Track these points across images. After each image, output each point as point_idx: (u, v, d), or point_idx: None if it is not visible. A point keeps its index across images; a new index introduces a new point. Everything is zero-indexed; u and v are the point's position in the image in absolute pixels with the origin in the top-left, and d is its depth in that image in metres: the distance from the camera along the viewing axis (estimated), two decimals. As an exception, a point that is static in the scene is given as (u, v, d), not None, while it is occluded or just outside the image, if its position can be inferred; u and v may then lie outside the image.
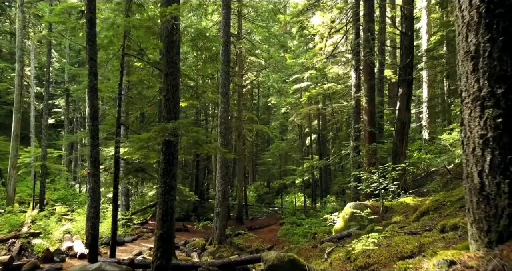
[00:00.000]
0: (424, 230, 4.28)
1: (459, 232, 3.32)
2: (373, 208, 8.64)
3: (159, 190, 7.08)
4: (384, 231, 5.26)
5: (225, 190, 14.46)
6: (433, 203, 5.76)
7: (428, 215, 5.55)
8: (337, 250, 4.56)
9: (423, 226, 4.67)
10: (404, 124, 12.46)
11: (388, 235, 4.39)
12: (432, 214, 5.51)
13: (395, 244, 3.60)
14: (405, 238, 3.68)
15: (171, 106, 7.10)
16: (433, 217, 5.23)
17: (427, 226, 4.63)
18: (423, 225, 4.73)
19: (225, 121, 14.50)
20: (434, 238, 3.41)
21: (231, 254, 13.69)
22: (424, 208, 5.81)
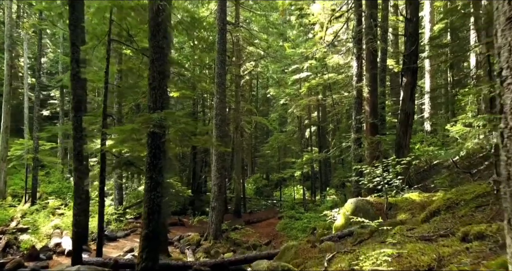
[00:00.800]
0: (438, 235, 3.73)
1: (487, 243, 2.78)
2: (376, 204, 8.11)
3: (144, 186, 6.53)
4: (390, 234, 4.71)
5: (221, 183, 13.93)
6: (444, 201, 5.20)
7: (440, 215, 5.00)
8: (339, 257, 4.02)
9: (436, 230, 4.13)
10: (408, 116, 11.86)
11: (397, 240, 3.85)
12: (444, 214, 4.96)
13: (408, 254, 3.06)
14: (419, 246, 3.14)
15: (157, 95, 6.51)
16: (445, 217, 4.68)
17: (441, 229, 4.09)
18: (435, 228, 4.18)
19: (221, 112, 13.91)
20: (455, 248, 2.87)
21: (227, 250, 13.22)
22: (434, 207, 5.26)
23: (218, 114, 13.89)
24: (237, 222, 19.20)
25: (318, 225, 14.66)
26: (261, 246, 14.30)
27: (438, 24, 18.72)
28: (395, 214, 7.48)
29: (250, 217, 20.84)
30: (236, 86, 21.29)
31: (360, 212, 7.97)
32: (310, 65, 21.41)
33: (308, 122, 25.84)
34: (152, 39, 6.67)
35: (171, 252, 12.28)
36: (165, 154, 6.60)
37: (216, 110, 13.95)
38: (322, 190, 24.54)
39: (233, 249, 13.41)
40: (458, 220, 4.40)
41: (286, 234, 16.08)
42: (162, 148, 6.51)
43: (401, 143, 11.72)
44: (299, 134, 26.50)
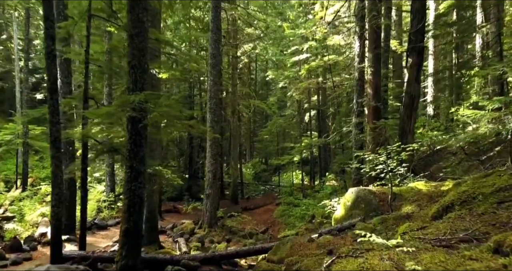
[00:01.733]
0: (459, 240, 3.12)
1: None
2: (379, 194, 7.52)
3: (125, 176, 5.91)
4: (398, 234, 4.11)
5: (216, 170, 13.35)
6: (458, 195, 4.58)
7: (454, 211, 4.39)
8: (339, 263, 3.41)
9: (453, 231, 3.51)
10: (413, 99, 11.16)
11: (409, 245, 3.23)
12: (459, 209, 4.34)
13: (426, 268, 2.45)
14: (439, 258, 2.53)
15: (137, 75, 5.81)
16: (461, 215, 4.07)
17: (459, 230, 3.48)
18: (452, 229, 3.57)
19: (215, 95, 13.20)
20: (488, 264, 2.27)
21: (222, 238, 12.73)
22: (447, 201, 4.64)
23: (212, 97, 13.19)
24: (234, 208, 18.73)
25: (316, 213, 14.19)
26: (258, 234, 13.82)
27: (443, 4, 17.82)
28: (400, 205, 6.88)
29: (248, 203, 20.37)
30: (233, 68, 20.49)
31: (362, 203, 7.40)
32: (310, 46, 20.55)
33: (308, 106, 25.11)
34: (131, 11, 5.93)
35: (163, 242, 11.79)
36: (147, 141, 5.95)
37: (210, 93, 13.23)
38: (322, 176, 24.02)
39: (228, 238, 12.92)
40: (478, 219, 3.79)
41: (284, 221, 15.60)
42: (143, 134, 5.86)
43: (405, 127, 11.06)
44: (299, 118, 25.80)
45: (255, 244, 12.79)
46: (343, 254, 3.59)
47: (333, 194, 15.66)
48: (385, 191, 7.52)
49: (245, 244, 12.44)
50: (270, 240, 13.31)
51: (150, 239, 10.28)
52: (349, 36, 19.15)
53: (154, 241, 10.36)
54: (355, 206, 7.50)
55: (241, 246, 12.30)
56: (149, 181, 10.32)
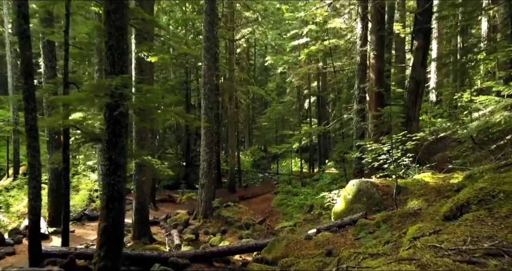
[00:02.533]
0: (484, 253, 2.58)
1: None
2: (382, 187, 6.99)
3: (102, 169, 5.35)
4: (406, 239, 3.57)
5: (211, 159, 12.81)
6: (475, 192, 4.03)
7: (471, 211, 3.84)
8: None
9: (474, 238, 2.97)
10: (418, 84, 10.56)
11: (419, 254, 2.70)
12: (477, 209, 3.80)
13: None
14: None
15: (115, 57, 5.19)
16: (481, 217, 3.52)
17: (482, 238, 2.93)
18: (473, 236, 3.03)
19: (210, 80, 12.56)
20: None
21: (218, 230, 12.28)
22: (462, 198, 4.09)
23: (206, 83, 12.55)
24: (231, 197, 18.28)
25: (315, 203, 13.71)
26: (254, 225, 13.37)
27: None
28: (405, 199, 6.35)
29: (245, 192, 19.91)
30: (230, 52, 19.74)
31: (364, 196, 6.87)
32: (310, 30, 19.77)
33: (308, 93, 24.44)
34: (107, -16, 5.27)
35: (155, 234, 11.33)
36: (127, 130, 5.37)
37: (204, 78, 12.59)
38: (321, 163, 23.51)
39: (224, 229, 12.48)
40: (502, 223, 3.24)
41: (282, 211, 15.16)
42: (123, 123, 5.27)
43: (409, 114, 10.49)
44: (298, 105, 25.14)
45: (252, 235, 12.38)
46: (343, 264, 3.04)
47: (333, 183, 15.18)
48: (389, 184, 6.99)
49: (241, 236, 12.01)
50: (267, 231, 12.88)
51: (141, 232, 9.82)
52: (350, 19, 18.36)
53: (145, 234, 9.89)
54: (357, 199, 6.98)
55: (236, 237, 11.88)
56: (139, 171, 9.80)
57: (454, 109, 19.41)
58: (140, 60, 9.57)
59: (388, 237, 4.45)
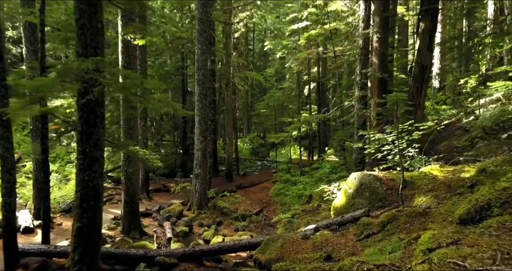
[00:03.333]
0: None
1: None
2: (386, 181, 6.45)
3: (76, 164, 4.81)
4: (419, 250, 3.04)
5: (205, 148, 12.27)
6: (497, 193, 3.50)
7: (493, 216, 3.31)
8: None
9: (504, 253, 2.44)
10: (424, 69, 9.95)
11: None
12: (500, 214, 3.27)
13: None
14: None
15: (87, 37, 4.58)
16: (507, 224, 2.99)
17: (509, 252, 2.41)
18: (502, 250, 2.50)
19: (204, 65, 11.91)
20: None
21: (213, 221, 11.83)
22: (482, 200, 3.56)
23: (200, 67, 11.91)
24: (228, 186, 17.82)
25: (314, 193, 13.24)
26: (251, 216, 12.91)
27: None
28: (412, 195, 5.83)
29: (243, 180, 19.44)
30: (227, 36, 18.98)
31: (366, 191, 6.34)
32: (309, 13, 18.99)
33: (308, 78, 23.75)
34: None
35: (147, 226, 10.88)
36: (103, 120, 4.80)
37: (198, 63, 11.94)
38: (321, 151, 23.00)
39: (219, 220, 12.03)
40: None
41: (280, 201, 14.71)
42: (98, 112, 4.70)
43: (414, 102, 9.90)
44: (297, 91, 24.49)
45: (248, 226, 11.93)
46: None
47: (332, 172, 14.68)
48: (393, 177, 6.45)
49: (237, 228, 11.57)
50: (264, 223, 12.44)
51: (131, 225, 9.34)
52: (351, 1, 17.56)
53: (135, 228, 9.42)
54: (358, 194, 6.45)
55: (232, 230, 11.44)
56: (127, 161, 9.27)
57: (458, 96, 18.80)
58: (128, 43, 8.93)
59: (395, 242, 3.92)
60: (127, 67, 8.97)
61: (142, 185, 14.48)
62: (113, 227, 9.70)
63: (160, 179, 19.43)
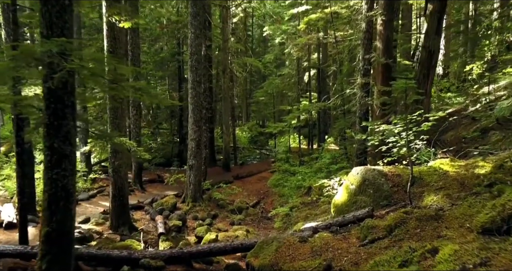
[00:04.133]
0: None
1: None
2: (392, 177, 5.90)
3: (43, 161, 4.25)
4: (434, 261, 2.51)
5: (200, 138, 11.71)
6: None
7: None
8: None
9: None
10: (431, 54, 9.30)
11: None
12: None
13: None
14: None
15: (52, 16, 3.96)
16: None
17: None
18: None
19: (197, 51, 11.26)
20: None
21: (207, 214, 11.36)
22: (510, 207, 3.02)
23: (193, 53, 11.25)
24: (225, 176, 17.33)
25: (313, 185, 12.74)
26: (248, 208, 12.45)
27: None
28: (420, 193, 5.29)
29: (240, 170, 18.94)
30: (223, 21, 18.23)
31: (370, 187, 5.81)
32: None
33: (307, 65, 23.03)
34: None
35: (138, 220, 10.41)
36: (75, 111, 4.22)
37: (191, 48, 11.28)
38: (320, 140, 22.46)
39: (214, 213, 11.56)
40: None
41: (278, 192, 14.23)
42: (67, 101, 4.12)
43: (420, 89, 9.28)
44: (297, 78, 23.77)
45: (244, 220, 11.45)
46: None
47: (333, 162, 14.14)
48: (400, 173, 5.90)
49: (233, 221, 11.11)
50: (261, 216, 11.98)
51: (119, 221, 8.85)
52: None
53: (124, 223, 8.93)
54: (361, 190, 5.92)
55: (227, 223, 10.97)
56: (115, 153, 8.72)
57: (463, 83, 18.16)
58: (113, 26, 8.27)
59: (405, 252, 3.40)
60: (113, 52, 8.35)
61: (135, 176, 13.98)
62: (101, 222, 9.21)
63: (156, 169, 18.93)
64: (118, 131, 8.63)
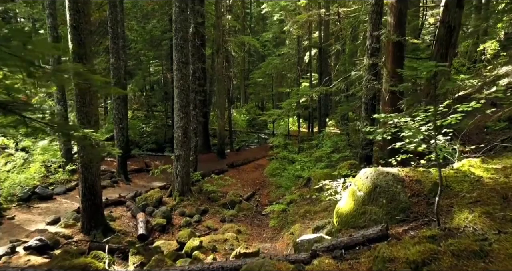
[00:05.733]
0: None
1: None
2: (410, 183, 4.75)
3: None
4: None
5: (187, 126, 10.54)
6: None
7: None
8: None
9: None
10: (451, 31, 7.98)
11: None
12: None
13: None
14: None
15: None
16: None
17: None
18: None
19: (182, 27, 9.94)
20: None
21: (196, 210, 10.31)
22: None
23: (178, 30, 9.93)
24: (219, 164, 16.26)
25: (313, 175, 11.67)
26: (241, 201, 11.43)
27: None
28: (448, 207, 4.15)
29: (236, 157, 17.86)
30: (216, -5, 16.74)
31: (383, 196, 4.68)
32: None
33: (308, 44, 21.58)
34: None
35: (117, 218, 9.35)
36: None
37: (176, 24, 9.95)
38: (321, 124, 21.27)
39: (204, 208, 10.51)
40: None
41: (275, 183, 13.18)
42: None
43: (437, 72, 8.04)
44: (297, 58, 22.34)
45: (237, 216, 10.39)
46: None
47: (334, 151, 12.99)
48: (420, 178, 4.75)
49: (224, 217, 10.08)
50: (255, 211, 10.95)
51: (91, 222, 7.78)
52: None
53: (98, 225, 7.86)
54: (371, 199, 4.78)
55: (218, 220, 9.94)
56: (84, 146, 7.55)
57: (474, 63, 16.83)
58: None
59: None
60: (76, 27, 7.08)
61: (119, 165, 12.87)
62: (72, 223, 8.13)
63: (145, 156, 17.80)
64: (87, 121, 7.47)
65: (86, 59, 7.29)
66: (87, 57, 7.29)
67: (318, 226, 6.85)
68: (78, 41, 7.15)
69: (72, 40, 7.17)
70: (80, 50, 7.18)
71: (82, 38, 7.16)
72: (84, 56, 7.24)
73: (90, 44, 7.40)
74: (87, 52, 7.26)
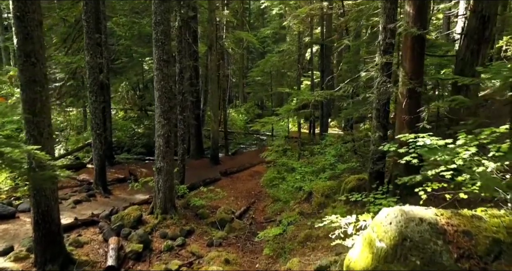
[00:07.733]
0: None
1: None
2: (455, 236, 3.33)
3: None
4: None
5: (169, 133, 9.15)
6: None
7: None
8: None
9: None
10: (484, 22, 6.58)
11: None
12: None
13: None
14: None
15: None
16: None
17: None
18: None
19: (163, 20, 8.54)
20: None
21: (180, 230, 8.92)
22: None
23: (158, 23, 8.53)
24: (212, 172, 14.89)
25: (315, 188, 10.33)
26: (233, 220, 10.05)
27: None
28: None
29: (231, 163, 16.47)
30: (209, -14, 15.30)
31: (415, 255, 3.28)
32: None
33: (310, 40, 20.12)
34: None
35: (86, 243, 7.95)
36: None
37: (155, 16, 8.54)
38: (322, 125, 19.84)
39: (189, 229, 9.12)
40: None
41: (272, 195, 11.81)
42: None
43: (466, 72, 6.65)
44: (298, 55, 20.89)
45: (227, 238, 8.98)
46: None
47: (338, 160, 11.59)
48: (468, 228, 3.33)
49: (211, 240, 8.73)
50: (248, 232, 9.57)
51: (46, 255, 6.41)
52: None
53: (55, 257, 6.49)
54: (398, 255, 3.38)
55: (204, 244, 8.57)
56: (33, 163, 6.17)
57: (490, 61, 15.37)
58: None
59: None
60: (21, 18, 5.69)
61: (97, 176, 11.49)
62: (24, 255, 6.73)
63: (133, 162, 16.40)
64: (39, 133, 6.09)
65: (35, 58, 5.90)
66: (36, 54, 5.90)
67: (321, 266, 5.51)
68: (25, 35, 5.78)
69: (16, 34, 5.80)
70: (27, 46, 5.81)
71: (29, 31, 5.78)
72: (32, 54, 5.86)
73: (40, 39, 6.00)
74: (36, 49, 5.87)
